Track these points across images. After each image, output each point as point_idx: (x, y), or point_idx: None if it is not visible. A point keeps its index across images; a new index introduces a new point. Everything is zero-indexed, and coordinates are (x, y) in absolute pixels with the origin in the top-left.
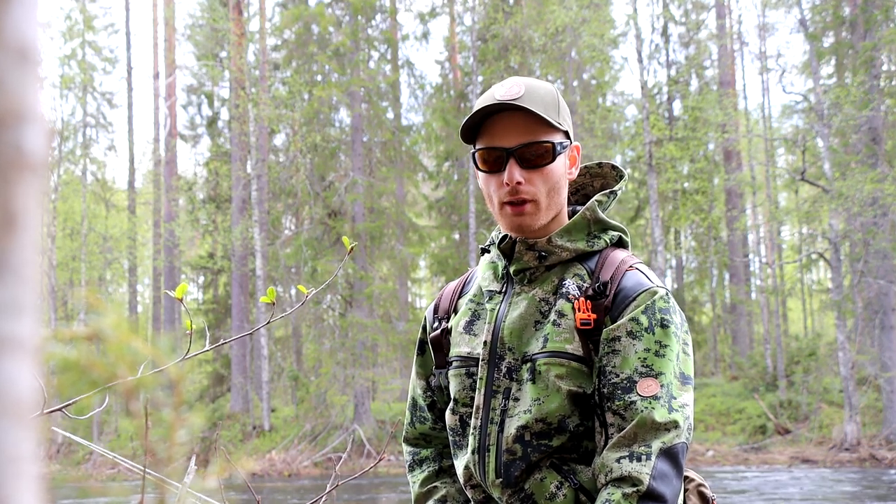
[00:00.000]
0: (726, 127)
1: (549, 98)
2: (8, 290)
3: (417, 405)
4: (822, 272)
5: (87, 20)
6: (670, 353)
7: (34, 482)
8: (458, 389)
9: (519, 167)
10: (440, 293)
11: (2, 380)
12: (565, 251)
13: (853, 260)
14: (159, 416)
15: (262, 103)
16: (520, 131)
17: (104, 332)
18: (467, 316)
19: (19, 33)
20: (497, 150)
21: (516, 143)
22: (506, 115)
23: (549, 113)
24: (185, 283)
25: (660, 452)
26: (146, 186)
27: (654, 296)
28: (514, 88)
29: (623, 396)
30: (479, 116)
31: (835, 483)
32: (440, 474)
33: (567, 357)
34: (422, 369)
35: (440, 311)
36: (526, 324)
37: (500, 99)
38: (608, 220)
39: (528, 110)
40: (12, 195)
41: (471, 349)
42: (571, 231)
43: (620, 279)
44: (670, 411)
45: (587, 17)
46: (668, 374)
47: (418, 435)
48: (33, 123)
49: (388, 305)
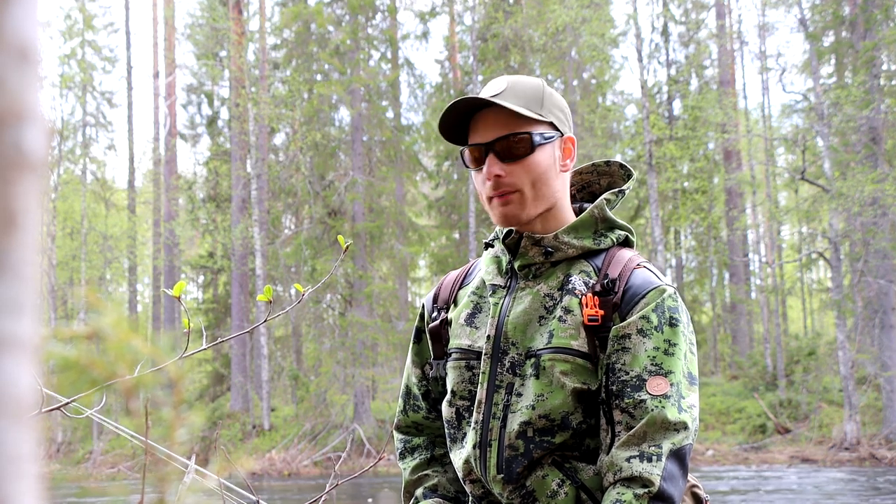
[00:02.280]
0: (726, 126)
1: (532, 92)
2: (8, 289)
3: (412, 393)
4: (822, 272)
5: (87, 19)
6: (679, 351)
7: (34, 482)
8: (457, 382)
9: (498, 161)
10: (440, 282)
11: (2, 379)
12: (572, 248)
13: (853, 259)
14: (159, 414)
15: (262, 102)
16: (497, 126)
17: (103, 330)
18: (469, 308)
19: (19, 33)
20: (477, 146)
21: (493, 137)
22: (486, 111)
23: (530, 105)
24: (183, 281)
25: (670, 454)
26: (146, 186)
27: (663, 294)
28: (494, 86)
29: (632, 394)
30: (460, 116)
31: (835, 482)
32: (431, 462)
33: (572, 353)
34: (418, 357)
35: (440, 301)
36: (530, 319)
37: (480, 96)
38: (615, 219)
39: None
40: (12, 195)
41: (472, 342)
42: (579, 228)
43: (629, 277)
44: (680, 411)
45: (587, 16)
46: (677, 373)
47: (410, 423)
48: (33, 123)
49: (388, 305)
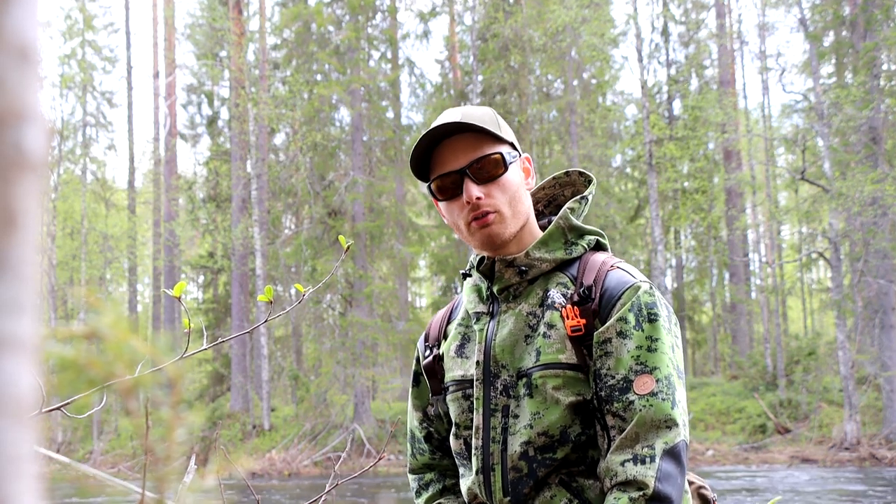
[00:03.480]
0: (726, 126)
1: (487, 117)
2: (8, 289)
3: (416, 437)
4: (822, 271)
5: (87, 19)
6: (663, 346)
7: (34, 482)
8: (458, 413)
9: (475, 184)
10: (429, 323)
11: (1, 379)
12: (545, 262)
13: (853, 259)
14: (158, 415)
15: (262, 102)
16: (467, 150)
17: (102, 331)
18: (457, 340)
19: (19, 33)
20: (450, 174)
21: (467, 162)
22: (450, 140)
23: (490, 126)
24: (183, 282)
25: (663, 453)
26: (146, 186)
27: (637, 291)
28: (448, 116)
29: (621, 397)
30: (423, 150)
31: (835, 482)
32: (444, 492)
33: (561, 367)
34: (417, 400)
35: (430, 339)
36: (517, 340)
37: (439, 124)
38: (583, 225)
39: (470, 129)
40: (12, 195)
41: (464, 372)
42: (548, 242)
43: (604, 280)
44: (672, 406)
45: (587, 16)
46: (663, 368)
47: (421, 465)
48: (33, 123)
49: (388, 305)
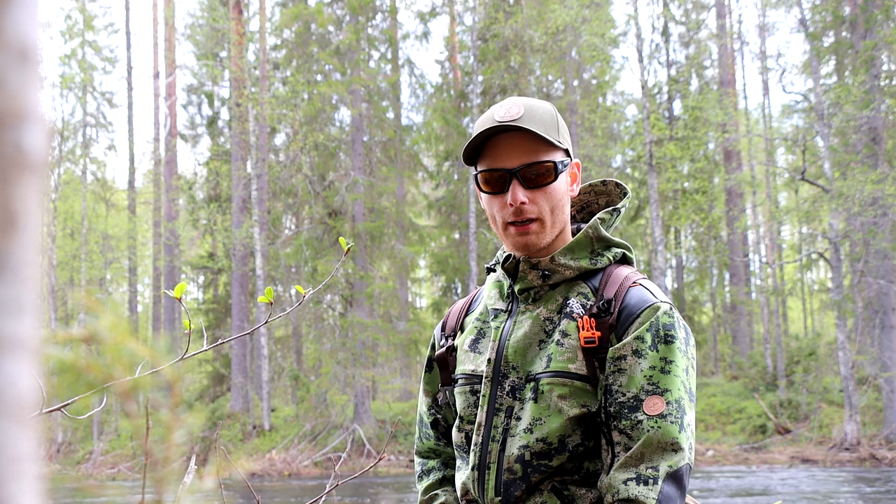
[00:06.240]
0: (726, 126)
1: (549, 117)
2: (8, 289)
3: (423, 422)
4: (822, 272)
5: (87, 20)
6: (676, 368)
7: (34, 482)
8: (463, 407)
9: (522, 187)
10: (448, 311)
11: (2, 380)
12: (569, 269)
13: (853, 260)
14: (158, 416)
15: (263, 103)
16: (521, 152)
17: (101, 334)
18: (473, 334)
19: (19, 33)
20: (499, 171)
21: (518, 164)
22: (506, 135)
23: (549, 132)
24: (184, 282)
25: (666, 476)
26: (146, 186)
27: (657, 311)
28: (513, 109)
29: (630, 415)
30: (480, 138)
31: (835, 483)
32: (443, 482)
33: (570, 377)
34: (428, 386)
35: (447, 329)
36: (530, 343)
37: (500, 120)
38: (611, 237)
39: (528, 130)
40: (12, 195)
41: (475, 367)
42: (574, 249)
43: (624, 296)
44: (680, 430)
45: (587, 16)
46: (674, 391)
47: (426, 449)
48: (33, 123)
49: (389, 305)
